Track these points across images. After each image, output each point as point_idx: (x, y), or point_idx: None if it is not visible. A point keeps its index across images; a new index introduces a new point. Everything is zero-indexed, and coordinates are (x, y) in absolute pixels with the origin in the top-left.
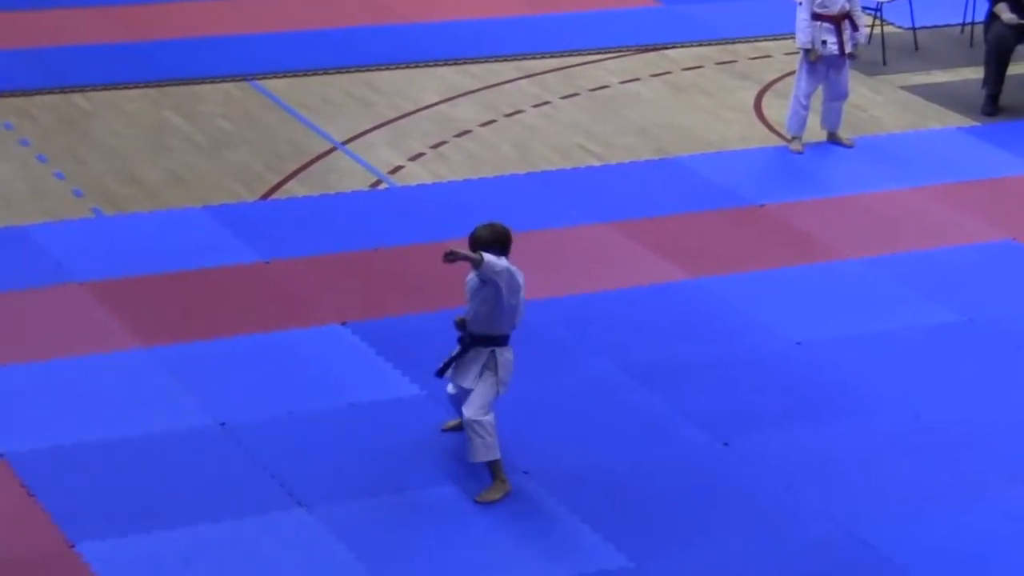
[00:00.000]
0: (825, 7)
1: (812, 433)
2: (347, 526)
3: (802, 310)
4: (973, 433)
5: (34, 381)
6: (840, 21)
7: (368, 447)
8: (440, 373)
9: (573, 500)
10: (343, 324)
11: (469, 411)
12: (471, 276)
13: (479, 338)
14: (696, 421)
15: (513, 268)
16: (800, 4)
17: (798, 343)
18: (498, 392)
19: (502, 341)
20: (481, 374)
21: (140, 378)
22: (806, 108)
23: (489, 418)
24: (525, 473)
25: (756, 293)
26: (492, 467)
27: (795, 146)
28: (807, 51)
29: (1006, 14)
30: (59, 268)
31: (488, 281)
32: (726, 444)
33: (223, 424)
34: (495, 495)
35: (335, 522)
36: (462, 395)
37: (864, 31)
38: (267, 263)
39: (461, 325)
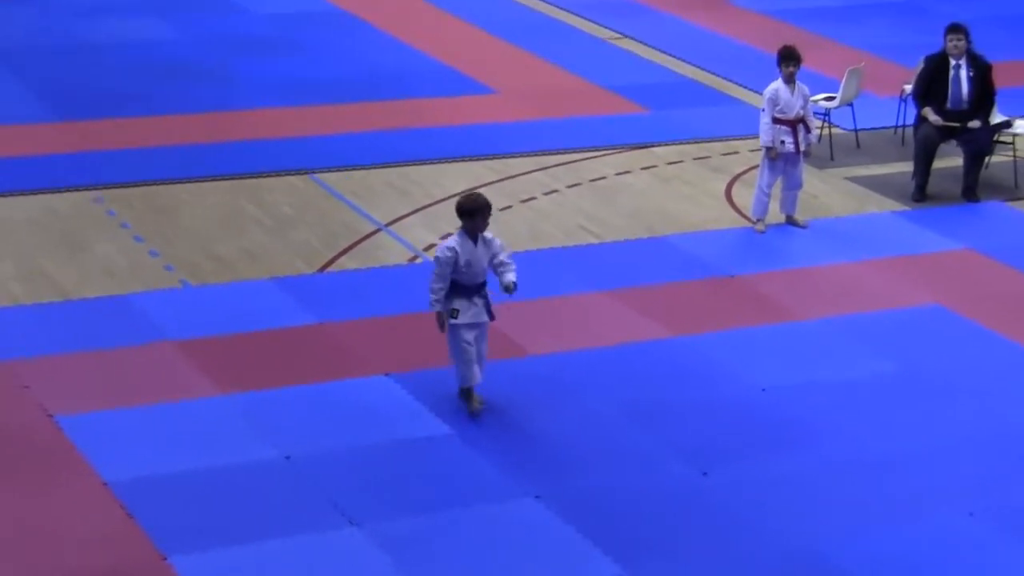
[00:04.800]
0: (783, 112)
1: (776, 464)
2: (390, 541)
3: (766, 362)
4: (908, 462)
5: (133, 422)
6: (796, 124)
7: (406, 476)
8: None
9: (576, 519)
10: (386, 375)
11: None
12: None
13: None
14: (679, 454)
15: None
16: (763, 111)
17: (763, 389)
18: (455, 321)
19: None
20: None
21: (219, 419)
22: (768, 196)
23: (457, 350)
24: (537, 498)
25: (728, 348)
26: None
27: (759, 227)
28: (768, 149)
29: (932, 116)
30: (154, 329)
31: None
32: (705, 474)
33: (288, 457)
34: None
35: (381, 538)
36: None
37: (816, 132)
38: (322, 325)
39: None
